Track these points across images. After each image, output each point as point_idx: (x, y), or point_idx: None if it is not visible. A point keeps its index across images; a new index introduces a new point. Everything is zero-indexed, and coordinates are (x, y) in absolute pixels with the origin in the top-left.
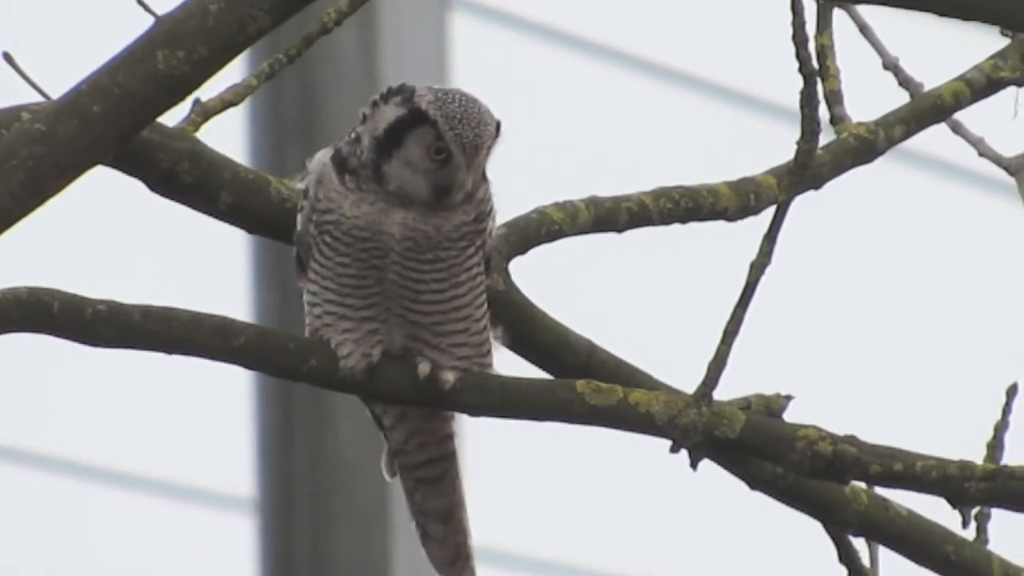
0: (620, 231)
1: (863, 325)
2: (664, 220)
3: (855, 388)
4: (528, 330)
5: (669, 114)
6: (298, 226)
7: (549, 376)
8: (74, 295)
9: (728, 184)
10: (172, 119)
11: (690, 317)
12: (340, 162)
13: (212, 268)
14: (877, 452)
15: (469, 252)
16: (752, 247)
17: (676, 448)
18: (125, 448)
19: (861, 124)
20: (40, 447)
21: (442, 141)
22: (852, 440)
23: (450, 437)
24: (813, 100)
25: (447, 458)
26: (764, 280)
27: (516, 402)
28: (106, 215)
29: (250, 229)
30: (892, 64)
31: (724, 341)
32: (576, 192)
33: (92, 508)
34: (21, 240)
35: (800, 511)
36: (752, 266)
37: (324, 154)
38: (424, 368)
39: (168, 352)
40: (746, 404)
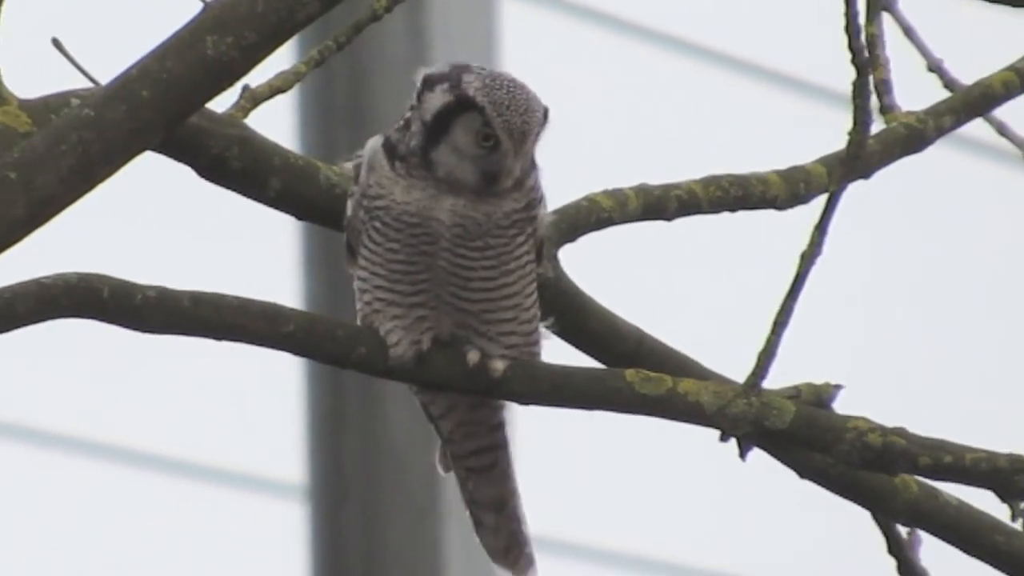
0: (669, 219)
1: (913, 315)
2: (713, 208)
3: (906, 379)
4: (578, 318)
5: (720, 101)
6: (348, 212)
7: (599, 364)
8: (124, 281)
9: (778, 172)
10: (221, 105)
11: (739, 305)
12: (390, 148)
13: (261, 254)
14: (926, 444)
15: (519, 240)
16: (802, 235)
17: (725, 438)
18: (176, 435)
19: (911, 113)
20: (90, 434)
21: (490, 128)
22: (901, 432)
23: (499, 427)
24: (865, 91)
25: (497, 448)
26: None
27: (565, 391)
28: (155, 201)
29: (299, 215)
30: (936, 66)
31: (774, 331)
32: (626, 179)
33: (143, 495)
34: (71, 226)
35: (849, 500)
36: (802, 256)
37: (376, 140)
38: (473, 356)
39: (217, 338)
40: (796, 393)
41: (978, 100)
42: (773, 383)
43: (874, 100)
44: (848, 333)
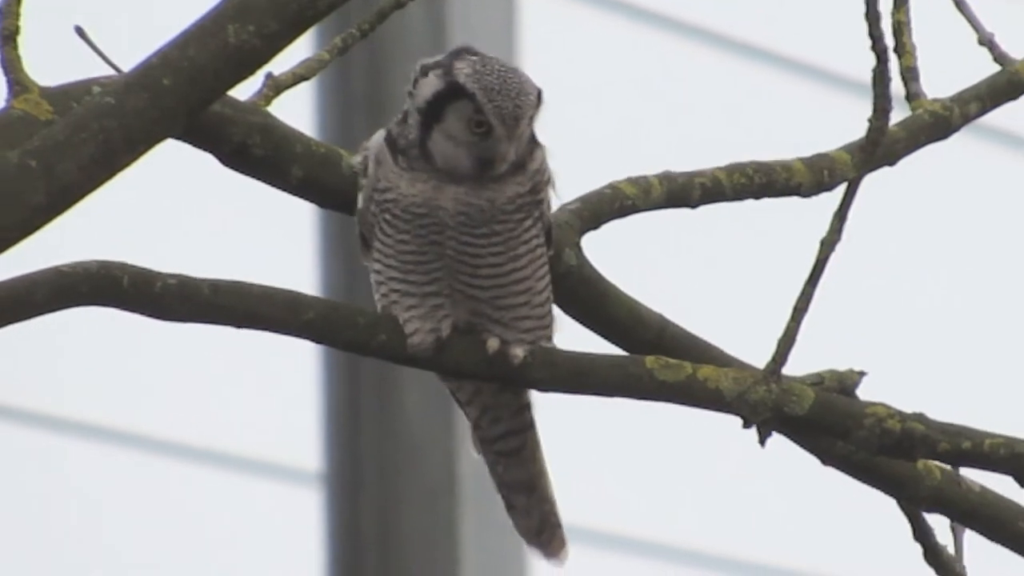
0: (693, 207)
1: (937, 302)
2: (738, 196)
3: (928, 366)
4: (600, 305)
5: (744, 89)
6: (359, 204)
7: (621, 352)
8: (144, 269)
9: (802, 160)
10: (244, 93)
11: (764, 292)
12: (392, 142)
13: (280, 242)
14: (945, 430)
15: (527, 224)
16: (826, 223)
17: (748, 424)
18: (192, 422)
19: (936, 101)
20: (107, 421)
21: (481, 114)
22: (920, 418)
23: (526, 408)
24: (885, 78)
25: (524, 430)
26: (838, 256)
27: (585, 377)
28: (176, 189)
29: (321, 203)
30: (987, 40)
31: (793, 318)
32: (649, 167)
33: (159, 481)
34: (91, 214)
35: (873, 487)
36: (822, 243)
37: (380, 134)
38: (493, 343)
39: (237, 326)
40: (819, 380)
41: (1004, 87)
42: (798, 370)
43: (901, 87)
44: (873, 319)
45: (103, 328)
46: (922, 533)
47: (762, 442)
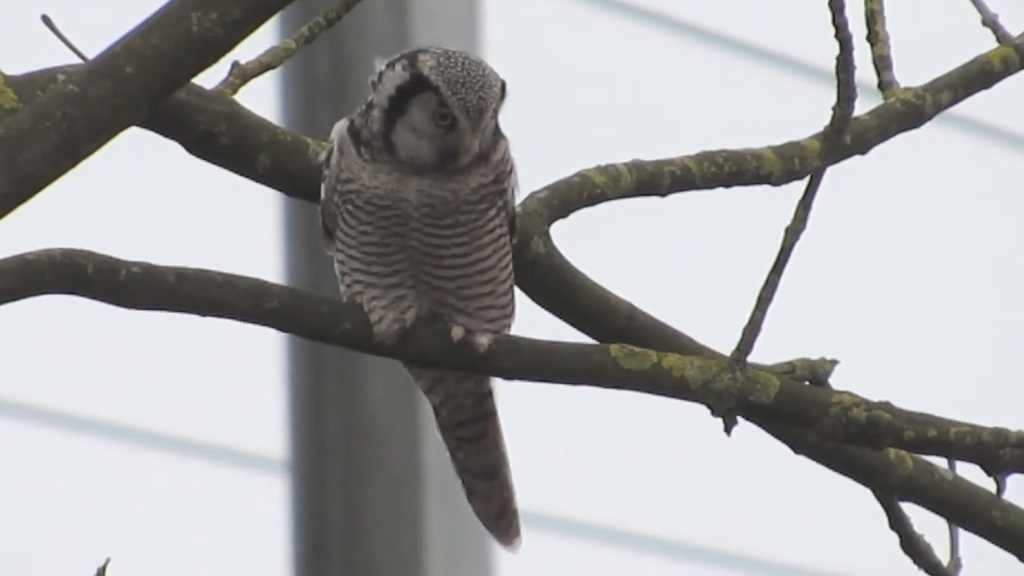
0: (663, 195)
1: (908, 291)
2: (708, 184)
3: (896, 354)
4: (569, 293)
5: (712, 78)
6: (322, 195)
7: (590, 340)
8: (108, 257)
9: (772, 148)
10: (210, 81)
11: (734, 280)
12: (355, 133)
13: (245, 230)
14: (911, 418)
15: (490, 214)
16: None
17: (715, 413)
18: (156, 409)
19: (908, 89)
20: (70, 408)
21: (445, 106)
22: (886, 406)
23: (487, 396)
24: (849, 66)
25: (486, 417)
26: (812, 244)
27: (550, 366)
28: (141, 177)
29: (288, 191)
30: (991, 20)
31: (758, 307)
32: (619, 156)
33: (123, 468)
34: (55, 202)
35: (844, 475)
36: (787, 231)
37: (342, 124)
38: (458, 332)
39: (201, 314)
40: (790, 368)
41: (977, 76)
42: (772, 359)
43: (873, 76)
44: (845, 308)
45: (67, 315)
46: (898, 522)
47: (728, 431)
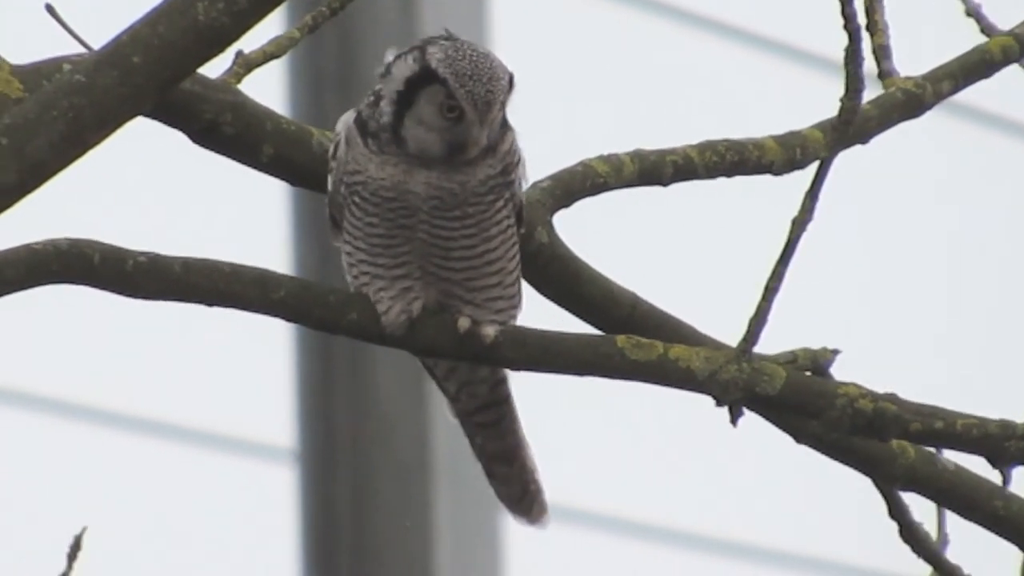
0: (665, 184)
1: (910, 280)
2: (710, 174)
3: (902, 345)
4: (572, 283)
5: (715, 67)
6: (329, 186)
7: (594, 330)
8: (115, 247)
9: (774, 138)
10: (215, 71)
11: (736, 270)
12: (362, 125)
13: (252, 220)
14: (917, 410)
15: (498, 205)
16: (798, 201)
17: (721, 403)
18: (165, 399)
19: (908, 79)
20: (78, 399)
21: (453, 99)
22: (892, 398)
23: (502, 382)
24: (857, 57)
25: (502, 402)
26: (812, 235)
27: (556, 356)
28: (147, 167)
29: (292, 181)
30: (974, 11)
31: (765, 297)
32: (621, 145)
33: (130, 458)
34: (62, 192)
35: (846, 465)
36: (794, 222)
37: (349, 115)
38: (464, 323)
39: (209, 304)
40: (792, 358)
41: (976, 66)
42: (772, 348)
43: (873, 65)
44: (846, 297)
45: (74, 305)
46: (898, 511)
47: (734, 421)
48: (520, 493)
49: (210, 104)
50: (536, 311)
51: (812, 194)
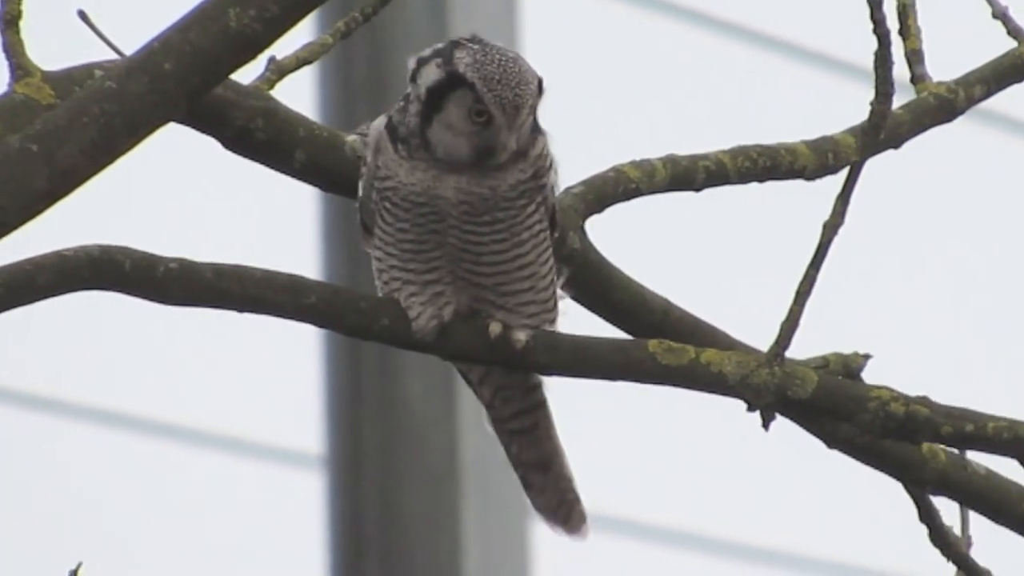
0: (697, 190)
1: (942, 285)
2: (742, 179)
3: (933, 349)
4: (604, 289)
5: (747, 73)
6: (360, 192)
7: (626, 335)
8: (145, 253)
9: (806, 143)
10: (247, 77)
11: (769, 275)
12: (392, 131)
13: (283, 226)
14: (949, 413)
15: (529, 210)
16: (830, 206)
17: (752, 408)
18: (194, 405)
19: (941, 83)
20: (109, 404)
21: (482, 103)
22: (924, 401)
23: (537, 387)
24: (887, 61)
25: (537, 408)
26: (843, 239)
27: (588, 361)
28: (179, 173)
29: (324, 187)
30: (1001, 13)
31: (796, 301)
32: (653, 151)
33: (162, 465)
34: (93, 198)
35: (878, 469)
36: (825, 226)
37: (380, 121)
38: (495, 328)
39: (239, 310)
40: (824, 363)
41: (1008, 71)
42: (803, 353)
43: (905, 70)
44: (878, 302)
45: (105, 312)
46: (927, 515)
47: (766, 426)
48: (557, 503)
49: (242, 110)
50: (569, 318)
51: (844, 198)
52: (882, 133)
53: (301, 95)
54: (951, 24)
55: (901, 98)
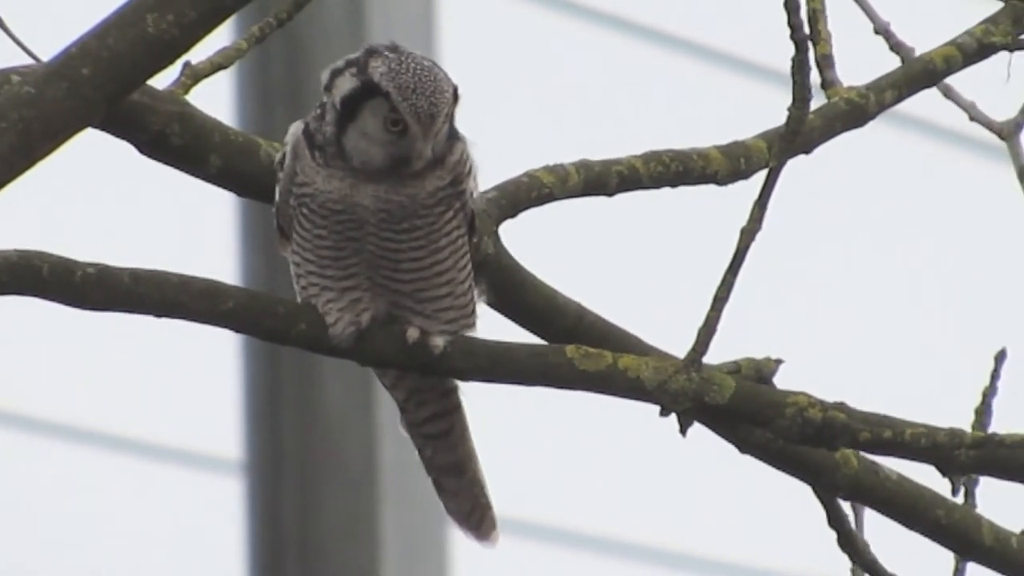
0: (610, 195)
1: (854, 290)
2: (654, 184)
3: (846, 354)
4: (518, 293)
5: (659, 78)
6: (276, 197)
7: (539, 340)
8: (63, 258)
9: (718, 148)
10: (162, 82)
11: (681, 280)
12: (309, 137)
13: (200, 231)
14: (866, 419)
15: (447, 216)
16: (742, 211)
17: (666, 413)
18: (112, 410)
19: (852, 88)
20: (25, 409)
21: (397, 113)
22: (842, 407)
23: (452, 391)
24: (805, 67)
25: (452, 412)
26: (757, 244)
27: (505, 366)
28: (95, 178)
29: (240, 192)
30: (883, 28)
31: (714, 307)
32: (566, 156)
33: (79, 471)
34: (10, 204)
35: (790, 475)
36: (742, 232)
37: (297, 126)
38: (413, 334)
39: (157, 315)
40: (736, 368)
41: (919, 75)
42: (715, 358)
43: (816, 75)
44: (789, 307)
45: (21, 316)
46: (837, 520)
47: (683, 431)
48: (470, 508)
49: (158, 115)
50: (484, 322)
51: (761, 203)
52: (799, 138)
53: (218, 99)
54: (862, 29)
55: (812, 103)
